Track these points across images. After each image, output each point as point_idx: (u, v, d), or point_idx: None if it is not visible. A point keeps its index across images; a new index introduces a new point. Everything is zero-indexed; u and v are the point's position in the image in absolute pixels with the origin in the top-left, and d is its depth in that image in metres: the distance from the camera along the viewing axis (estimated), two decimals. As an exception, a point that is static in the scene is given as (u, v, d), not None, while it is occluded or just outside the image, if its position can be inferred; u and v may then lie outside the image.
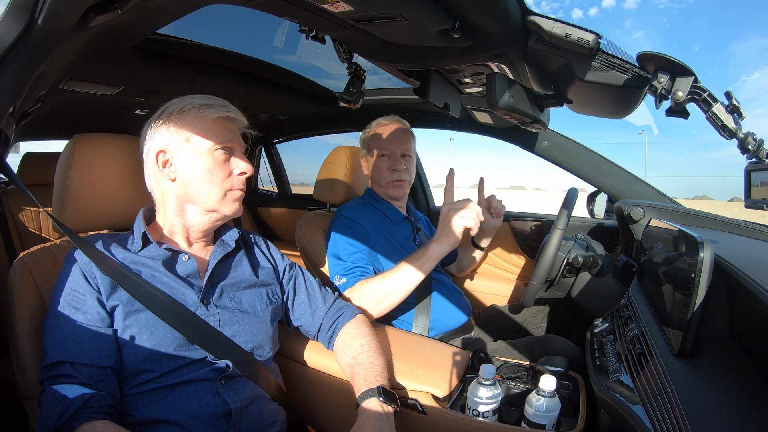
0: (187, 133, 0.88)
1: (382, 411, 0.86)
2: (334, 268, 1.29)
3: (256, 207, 3.02)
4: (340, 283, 1.25)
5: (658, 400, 0.63)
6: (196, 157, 0.88)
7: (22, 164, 2.27)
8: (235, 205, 0.93)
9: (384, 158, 1.44)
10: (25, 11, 0.70)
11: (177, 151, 0.88)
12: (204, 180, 0.88)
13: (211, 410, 0.82)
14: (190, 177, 0.88)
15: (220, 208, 0.91)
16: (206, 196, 0.89)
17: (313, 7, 0.86)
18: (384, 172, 1.44)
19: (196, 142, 0.88)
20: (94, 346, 0.77)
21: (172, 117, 0.88)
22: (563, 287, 1.34)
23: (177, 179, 0.89)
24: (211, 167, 0.88)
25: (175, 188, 0.90)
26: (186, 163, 0.88)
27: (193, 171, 0.88)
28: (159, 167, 0.89)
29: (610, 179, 1.64)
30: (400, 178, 1.43)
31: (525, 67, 1.03)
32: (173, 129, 0.88)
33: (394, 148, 1.44)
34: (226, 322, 0.89)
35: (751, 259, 0.84)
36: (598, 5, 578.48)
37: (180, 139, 0.88)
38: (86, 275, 0.81)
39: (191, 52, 1.43)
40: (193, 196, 0.89)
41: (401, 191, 1.46)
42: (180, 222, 0.92)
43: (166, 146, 0.88)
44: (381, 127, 1.48)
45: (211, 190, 0.89)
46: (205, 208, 0.91)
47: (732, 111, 0.77)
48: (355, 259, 1.28)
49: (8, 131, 0.86)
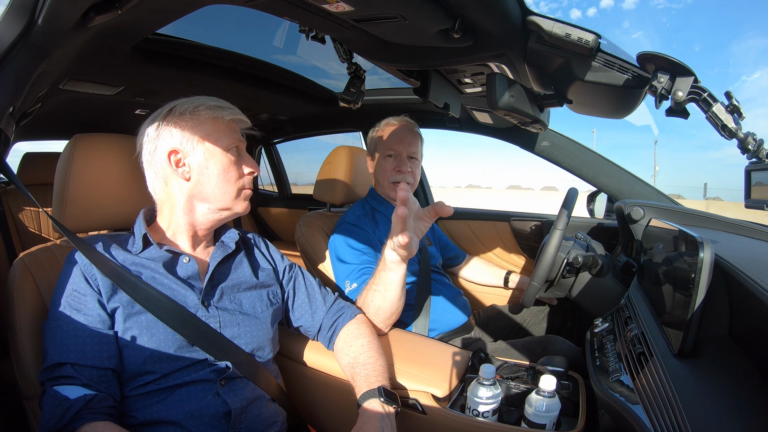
0: (201, 133, 0.89)
1: (383, 411, 0.86)
2: (342, 273, 1.27)
3: (256, 207, 3.02)
4: (351, 288, 1.23)
5: (658, 400, 0.63)
6: (210, 157, 0.89)
7: (22, 164, 2.27)
8: (246, 203, 0.95)
9: (390, 158, 1.43)
10: (25, 11, 0.70)
11: (190, 151, 0.89)
12: (220, 179, 0.90)
13: (212, 411, 0.82)
14: (206, 176, 0.90)
15: (234, 207, 0.93)
16: (221, 195, 0.91)
17: (313, 7, 0.86)
18: (388, 172, 1.42)
19: (211, 142, 0.89)
20: (95, 347, 0.77)
21: (184, 117, 0.88)
22: (563, 287, 1.34)
23: (192, 179, 0.90)
24: (226, 167, 0.91)
25: (189, 187, 0.90)
26: (201, 163, 0.89)
27: (208, 170, 0.90)
28: (172, 167, 0.89)
29: (610, 179, 1.64)
30: (404, 179, 1.39)
31: (525, 67, 1.03)
32: (186, 129, 0.88)
33: (400, 149, 1.42)
34: (226, 323, 0.89)
35: (751, 259, 0.84)
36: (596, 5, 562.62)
37: (193, 138, 0.88)
38: (87, 277, 0.81)
39: (191, 52, 1.43)
40: (208, 195, 0.91)
41: (402, 194, 1.43)
42: (187, 221, 0.92)
43: (178, 146, 0.88)
44: (389, 127, 1.46)
45: (226, 188, 0.91)
46: (219, 206, 0.92)
47: (732, 111, 0.77)
48: (362, 260, 1.27)
49: (8, 131, 0.86)
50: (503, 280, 1.71)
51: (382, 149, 1.44)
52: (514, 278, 1.70)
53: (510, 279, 1.70)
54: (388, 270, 1.03)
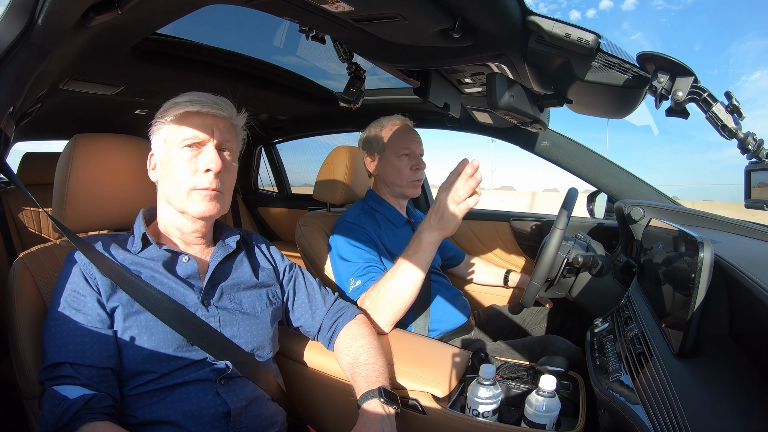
0: (163, 132, 0.89)
1: (383, 412, 0.86)
2: (345, 271, 1.27)
3: (256, 207, 3.02)
4: (355, 286, 1.23)
5: (658, 400, 0.63)
6: (166, 155, 0.88)
7: (22, 164, 2.27)
8: (203, 204, 0.86)
9: (405, 158, 1.43)
10: (25, 11, 0.70)
11: (158, 151, 0.90)
12: (169, 179, 0.87)
13: (211, 411, 0.82)
14: (162, 176, 0.89)
15: (186, 208, 0.86)
16: (173, 196, 0.88)
17: (313, 7, 0.86)
18: (405, 171, 1.43)
19: (169, 140, 0.88)
20: (94, 347, 0.77)
21: (156, 119, 0.90)
22: (563, 287, 1.34)
23: (158, 180, 0.91)
24: (175, 165, 0.86)
25: (159, 189, 0.92)
26: (161, 163, 0.90)
27: (164, 170, 0.89)
28: (149, 169, 0.92)
29: (610, 179, 1.64)
30: (421, 177, 1.45)
31: (525, 67, 1.03)
32: (156, 130, 0.90)
33: (414, 148, 1.43)
34: (226, 323, 0.89)
35: (751, 259, 0.84)
36: (595, 7, 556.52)
37: (160, 139, 0.89)
38: (86, 276, 0.81)
39: (191, 52, 1.43)
40: (169, 195, 0.89)
41: (419, 190, 1.48)
42: (169, 222, 0.92)
43: (153, 148, 0.91)
44: (395, 127, 1.46)
45: (174, 188, 0.86)
46: (176, 208, 0.89)
47: (732, 111, 0.77)
48: (366, 258, 1.27)
49: (8, 131, 0.86)
50: (503, 279, 1.72)
51: (393, 150, 1.44)
52: (514, 277, 1.70)
53: (510, 278, 1.71)
54: (421, 252, 1.10)
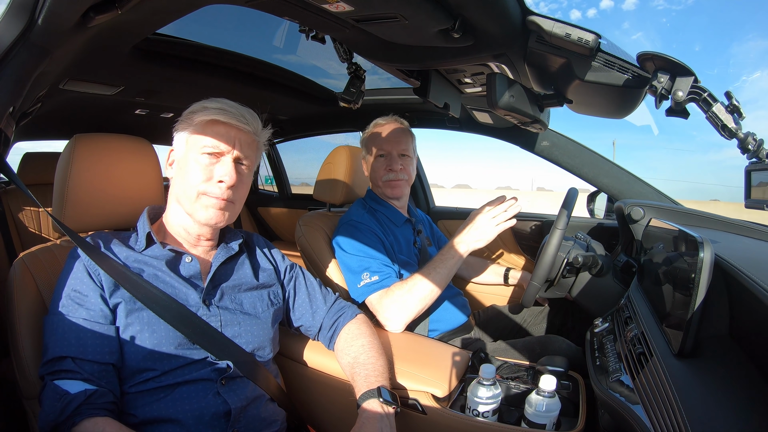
0: (187, 133, 0.90)
1: (382, 412, 0.86)
2: (358, 265, 1.27)
3: (256, 207, 3.02)
4: (370, 281, 1.23)
5: (658, 400, 0.63)
6: (185, 156, 0.90)
7: (22, 164, 2.27)
8: (210, 212, 0.87)
9: (381, 158, 1.44)
10: (25, 11, 0.70)
11: (178, 149, 0.92)
12: (183, 179, 0.88)
13: (212, 410, 0.82)
14: (177, 175, 0.90)
15: (194, 212, 0.88)
16: (183, 197, 0.89)
17: (313, 7, 0.86)
18: (380, 171, 1.44)
19: (191, 142, 0.89)
20: (96, 342, 0.77)
21: (183, 117, 0.92)
22: (563, 287, 1.34)
23: (172, 178, 0.92)
24: (191, 168, 0.87)
25: (172, 186, 0.92)
26: (179, 162, 0.91)
27: (180, 170, 0.90)
28: (167, 164, 0.93)
29: (610, 179, 1.64)
30: (396, 177, 1.43)
31: (525, 67, 1.03)
32: (180, 129, 0.92)
33: (390, 148, 1.43)
34: (227, 323, 0.89)
35: (751, 259, 0.84)
36: (596, 6, 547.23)
37: (182, 138, 0.91)
38: (90, 272, 0.81)
39: (191, 52, 1.43)
40: (178, 196, 0.90)
41: (398, 191, 1.45)
42: (177, 222, 0.93)
43: (174, 144, 0.93)
44: (378, 128, 1.48)
45: (185, 189, 0.88)
46: (185, 209, 0.90)
47: (732, 111, 0.77)
48: (380, 257, 1.29)
49: (8, 131, 0.86)
50: (503, 277, 1.71)
51: (374, 150, 1.46)
52: (514, 274, 1.70)
53: (510, 275, 1.70)
54: (456, 260, 1.24)
